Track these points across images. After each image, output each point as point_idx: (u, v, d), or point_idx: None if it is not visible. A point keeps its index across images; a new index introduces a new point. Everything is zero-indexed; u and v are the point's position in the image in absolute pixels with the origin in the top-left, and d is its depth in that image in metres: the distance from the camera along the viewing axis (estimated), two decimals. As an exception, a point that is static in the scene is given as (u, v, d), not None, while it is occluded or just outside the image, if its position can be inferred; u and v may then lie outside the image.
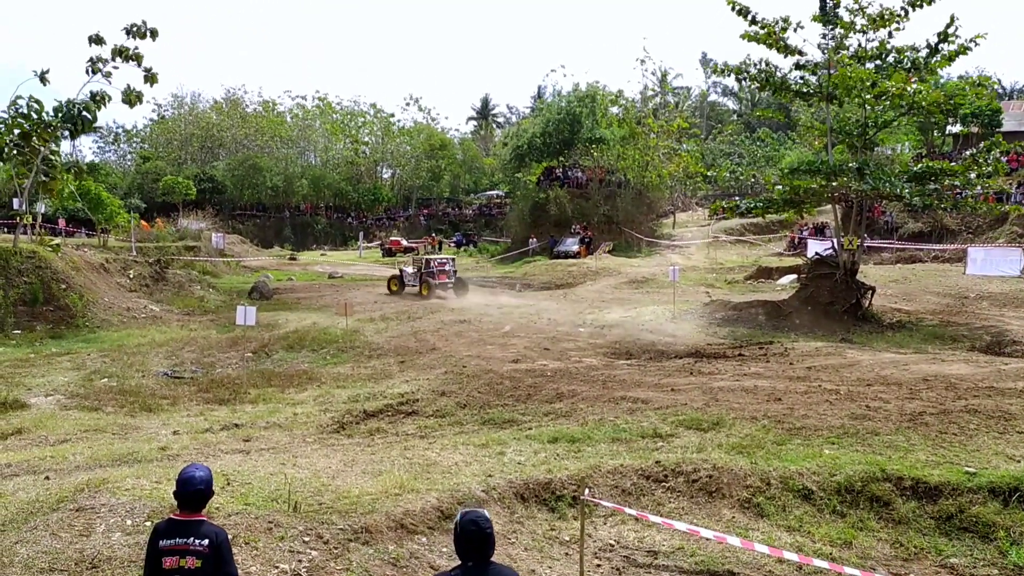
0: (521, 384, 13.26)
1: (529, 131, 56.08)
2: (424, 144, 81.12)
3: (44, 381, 15.57)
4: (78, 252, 28.50)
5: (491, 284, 36.59)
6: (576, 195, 51.14)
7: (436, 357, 16.44)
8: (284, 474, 7.75)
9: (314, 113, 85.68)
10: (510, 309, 23.96)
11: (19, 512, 6.51)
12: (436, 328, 20.15)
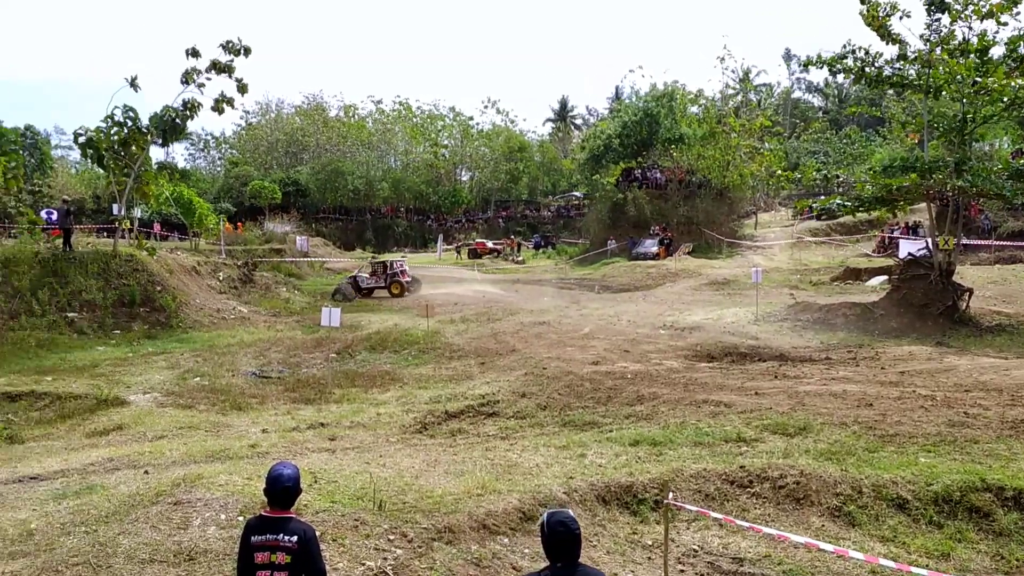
0: (601, 386, 13.18)
1: (606, 132, 55.76)
2: (503, 146, 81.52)
3: (142, 379, 16.24)
4: (172, 255, 29.63)
5: (569, 285, 36.53)
6: (655, 196, 50.62)
7: (516, 359, 16.49)
8: (369, 473, 7.89)
9: (394, 117, 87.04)
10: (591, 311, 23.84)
11: (121, 504, 6.80)
12: (516, 330, 20.20)
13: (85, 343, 21.16)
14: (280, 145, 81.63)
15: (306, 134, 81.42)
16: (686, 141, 51.18)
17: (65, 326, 21.91)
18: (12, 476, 8.60)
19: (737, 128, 49.98)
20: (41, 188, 49.01)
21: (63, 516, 6.72)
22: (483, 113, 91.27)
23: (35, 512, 7.00)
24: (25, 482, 8.29)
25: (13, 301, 21.47)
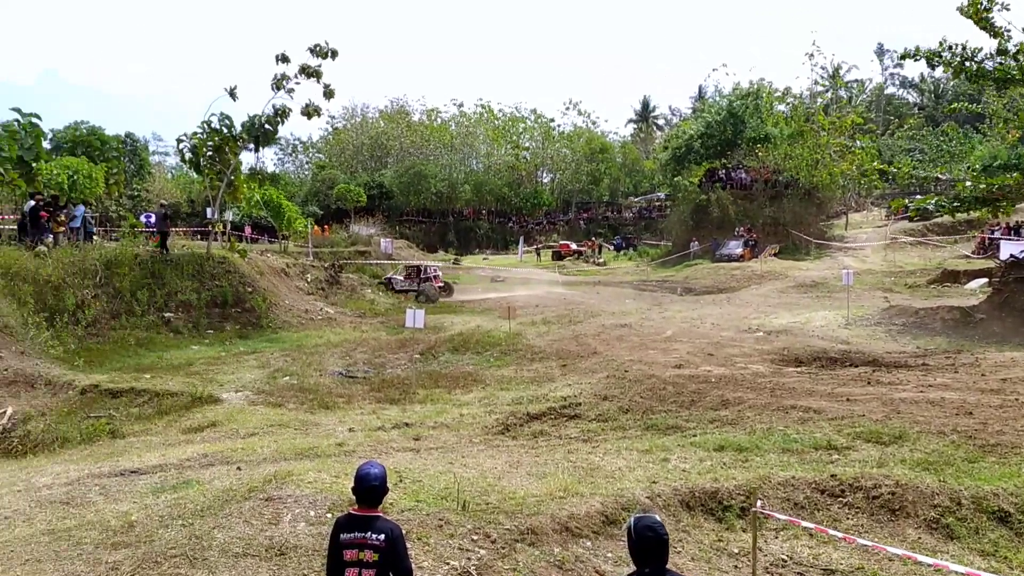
0: (684, 390, 13.00)
1: (689, 132, 55.03)
2: (584, 148, 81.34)
3: (234, 378, 16.78)
4: (262, 257, 30.54)
5: (651, 288, 36.17)
6: (739, 196, 49.72)
7: (598, 361, 16.41)
8: (453, 473, 7.96)
9: (476, 120, 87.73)
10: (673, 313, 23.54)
11: (215, 499, 7.04)
12: (597, 332, 20.11)
13: (180, 342, 22.01)
14: (365, 149, 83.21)
15: (390, 138, 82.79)
16: (772, 140, 50.04)
17: (162, 326, 22.83)
18: (114, 469, 9.00)
19: (827, 126, 48.61)
20: (140, 192, 51.16)
21: (161, 509, 6.98)
22: (564, 115, 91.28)
23: (135, 504, 7.30)
24: (126, 475, 8.66)
25: (115, 301, 22.45)
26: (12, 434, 12.25)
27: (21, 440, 11.95)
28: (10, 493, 8.22)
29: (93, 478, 8.59)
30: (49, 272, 20.69)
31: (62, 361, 17.78)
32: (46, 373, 15.97)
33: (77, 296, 21.06)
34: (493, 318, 24.03)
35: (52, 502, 7.65)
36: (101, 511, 7.17)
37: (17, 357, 16.71)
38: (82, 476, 8.77)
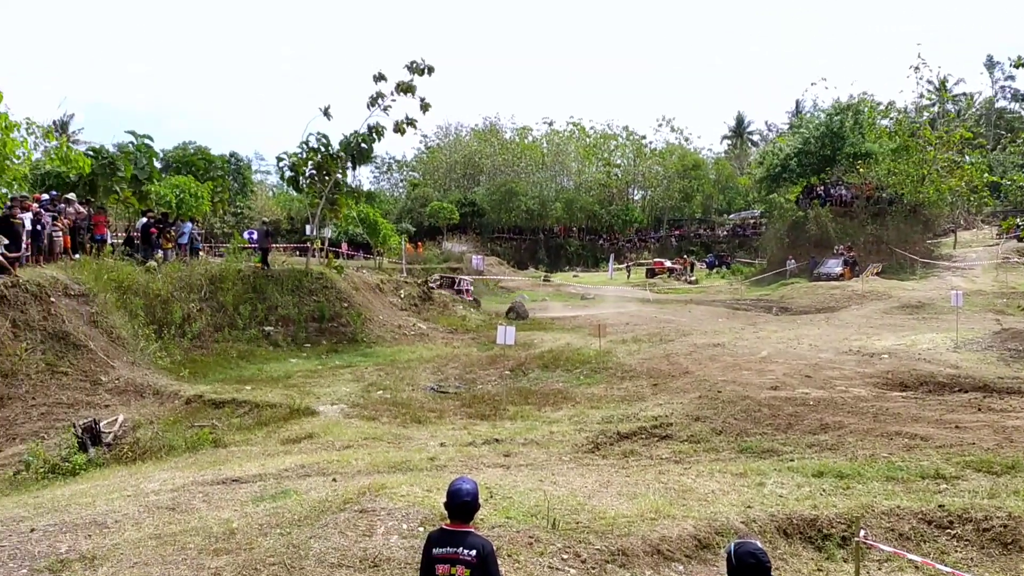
0: (781, 412, 12.64)
1: (785, 148, 53.78)
2: (676, 164, 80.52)
3: (330, 391, 17.20)
4: (357, 273, 31.28)
5: (745, 307, 35.40)
6: (839, 214, 48.21)
7: (689, 381, 16.12)
8: (543, 491, 7.94)
9: (567, 137, 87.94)
10: (768, 333, 22.95)
11: (312, 510, 7.21)
12: (689, 351, 19.77)
13: (279, 355, 22.73)
14: (458, 167, 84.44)
15: (482, 156, 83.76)
16: (874, 156, 48.40)
17: (262, 339, 23.64)
18: (217, 477, 9.33)
19: (933, 141, 46.70)
20: (242, 210, 53.26)
21: (261, 518, 7.19)
22: (657, 131, 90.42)
23: (236, 512, 7.54)
24: (228, 484, 8.97)
25: (218, 315, 23.38)
26: (123, 441, 12.86)
27: (131, 447, 12.52)
28: (121, 498, 8.61)
29: (197, 485, 8.93)
30: (159, 286, 21.71)
31: (169, 372, 18.60)
32: (154, 383, 16.73)
33: (184, 310, 22.02)
34: (583, 336, 23.93)
35: (159, 507, 7.97)
36: (204, 518, 7.43)
37: (128, 367, 17.57)
38: (187, 483, 9.12)
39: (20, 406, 14.97)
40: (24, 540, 7.19)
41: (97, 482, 10.27)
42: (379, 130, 28.03)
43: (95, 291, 19.22)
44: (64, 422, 13.90)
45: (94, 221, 23.36)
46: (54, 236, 20.47)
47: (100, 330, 18.39)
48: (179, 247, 25.63)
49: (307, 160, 27.72)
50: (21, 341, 16.35)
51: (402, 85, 27.44)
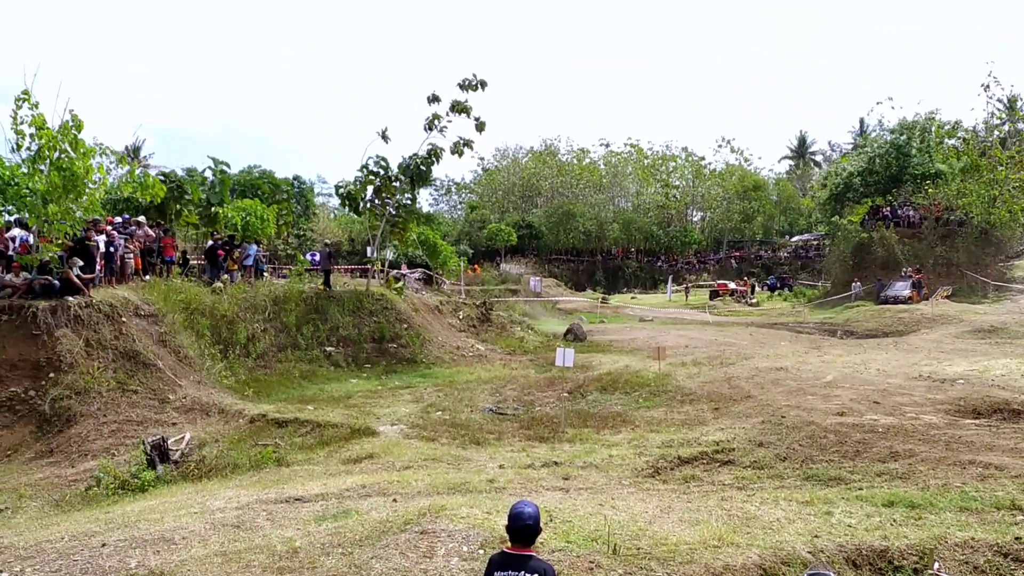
0: (848, 439, 12.29)
1: (849, 168, 52.79)
2: (736, 186, 79.73)
3: (389, 411, 17.34)
4: (417, 295, 31.60)
5: (808, 330, 34.69)
6: (906, 235, 47.07)
7: (752, 405, 15.82)
8: (603, 515, 7.85)
9: (625, 159, 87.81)
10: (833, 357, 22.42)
11: (373, 530, 7.26)
12: (751, 375, 19.42)
13: (340, 375, 23.04)
14: (516, 189, 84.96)
15: (540, 178, 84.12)
16: (943, 176, 47.19)
17: (324, 359, 24.00)
18: (280, 496, 9.46)
19: (1004, 160, 45.33)
20: (305, 232, 54.34)
21: (323, 537, 7.26)
22: (716, 152, 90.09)
23: (299, 531, 7.63)
24: (291, 503, 9.08)
25: (281, 335, 23.83)
26: (189, 458, 13.14)
27: (197, 464, 12.79)
28: (188, 514, 8.79)
29: (261, 504, 9.07)
30: (224, 307, 22.24)
31: (233, 391, 19.00)
32: (219, 402, 17.09)
33: (248, 330, 22.50)
34: (642, 358, 23.71)
35: (224, 525, 8.11)
36: (268, 536, 7.53)
37: (195, 386, 17.99)
38: (251, 501, 9.27)
39: (92, 423, 15.45)
40: (95, 555, 7.38)
41: (165, 499, 10.51)
42: (437, 152, 28.38)
43: (164, 311, 19.78)
44: (134, 439, 14.28)
45: (163, 243, 24.08)
46: (126, 258, 21.17)
47: (168, 349, 18.89)
48: (244, 269, 26.23)
49: (367, 184, 28.19)
50: (94, 360, 16.89)
51: (457, 105, 27.76)
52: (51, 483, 12.82)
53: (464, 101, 27.70)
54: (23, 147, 17.98)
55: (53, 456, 14.54)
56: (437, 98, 27.88)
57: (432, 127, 28.04)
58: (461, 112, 27.81)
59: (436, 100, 27.88)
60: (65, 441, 14.98)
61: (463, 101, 27.71)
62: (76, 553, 7.49)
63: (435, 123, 27.99)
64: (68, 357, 16.61)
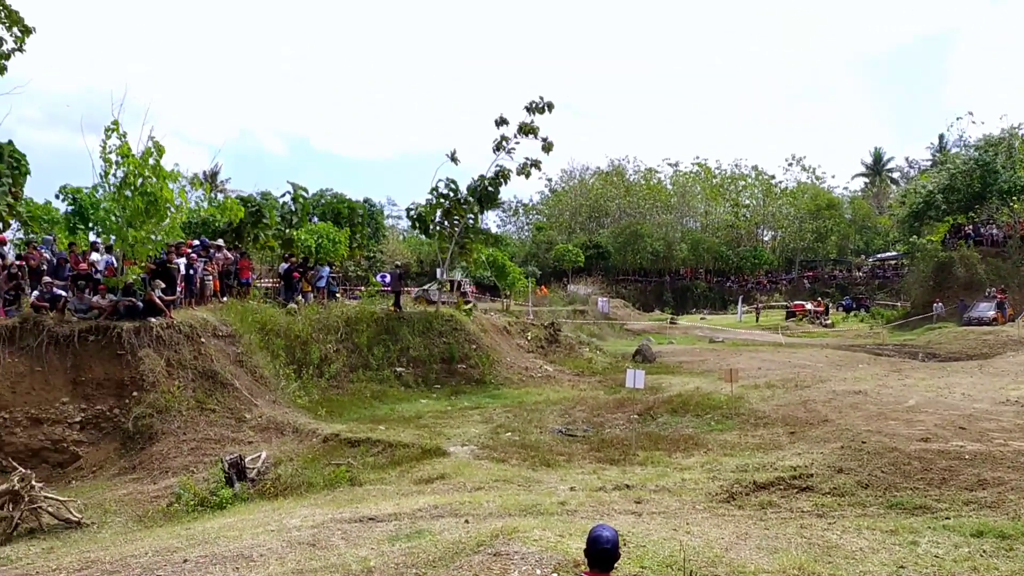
0: (933, 466, 11.84)
1: (928, 185, 51.25)
2: (808, 204, 78.21)
3: (460, 432, 17.41)
4: (485, 316, 31.74)
5: (887, 352, 33.64)
6: (990, 254, 45.39)
7: (830, 430, 15.38)
8: (678, 540, 7.72)
9: (693, 178, 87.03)
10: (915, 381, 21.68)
11: (446, 551, 7.27)
12: (828, 399, 18.92)
13: (410, 395, 23.25)
14: (583, 210, 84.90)
15: (607, 198, 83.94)
16: (1029, 193, 45.52)
17: (394, 379, 24.27)
18: (354, 515, 9.56)
19: (1096, 176, 43.50)
20: (375, 254, 55.22)
21: (397, 557, 7.30)
22: (787, 171, 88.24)
23: (373, 551, 7.69)
24: (365, 522, 9.17)
25: (353, 356, 24.22)
26: (265, 476, 13.40)
27: (273, 483, 13.03)
28: (265, 532, 8.95)
29: (336, 523, 9.18)
30: (298, 328, 22.71)
31: (307, 410, 19.33)
32: (294, 421, 17.42)
33: (321, 350, 22.93)
34: (713, 380, 23.32)
35: (300, 543, 8.23)
36: (343, 555, 7.61)
37: (270, 405, 18.38)
38: (326, 520, 9.39)
39: (173, 441, 15.91)
40: (178, 570, 7.57)
41: (243, 516, 10.73)
42: (505, 174, 28.62)
43: (241, 332, 20.29)
44: (212, 457, 14.64)
45: (240, 265, 24.75)
46: (205, 280, 21.81)
47: (245, 369, 19.36)
48: (317, 290, 26.77)
49: (436, 206, 28.56)
50: (174, 379, 17.42)
51: (524, 127, 28.01)
52: (134, 499, 13.22)
53: (531, 123, 27.95)
54: (110, 174, 18.74)
55: (136, 472, 15.02)
56: (505, 120, 28.19)
57: (500, 149, 28.33)
58: (528, 134, 28.04)
59: (504, 122, 28.19)
60: (147, 458, 15.45)
61: (530, 123, 27.95)
62: (159, 568, 7.69)
63: (503, 145, 28.28)
64: (150, 376, 17.17)
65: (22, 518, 11.47)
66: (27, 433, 16.08)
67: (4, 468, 14.65)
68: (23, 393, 16.47)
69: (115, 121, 18.30)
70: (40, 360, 16.85)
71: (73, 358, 17.17)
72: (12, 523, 11.39)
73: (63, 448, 16.17)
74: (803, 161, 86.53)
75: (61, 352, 17.16)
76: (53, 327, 17.26)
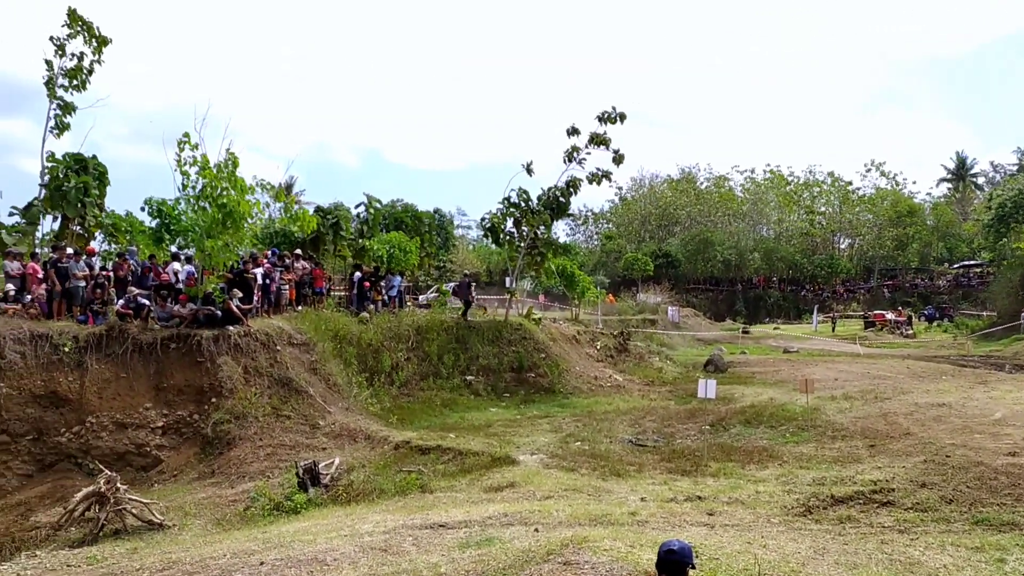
0: (1021, 481, 11.34)
1: (1016, 188, 49.23)
2: (888, 211, 75.99)
3: (529, 440, 17.42)
4: (554, 324, 31.71)
5: (972, 363, 32.38)
6: (1086, 261, 43.35)
7: (911, 443, 14.89)
8: (752, 554, 7.56)
9: (765, 186, 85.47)
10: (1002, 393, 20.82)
11: (516, 559, 7.26)
12: (909, 411, 18.32)
13: (480, 404, 23.38)
14: (652, 218, 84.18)
15: (677, 206, 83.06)
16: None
17: (464, 388, 24.44)
18: (425, 522, 9.65)
19: None
20: (445, 264, 55.75)
21: (467, 564, 7.33)
22: (864, 177, 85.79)
23: (444, 557, 7.74)
24: (435, 528, 9.24)
25: (424, 364, 24.47)
26: (338, 482, 13.62)
27: (346, 488, 13.23)
28: (338, 537, 9.10)
29: (407, 529, 9.27)
30: (370, 336, 23.06)
31: (379, 418, 19.59)
32: (366, 428, 17.67)
33: (392, 359, 23.23)
34: (787, 391, 22.83)
35: (373, 548, 8.34)
36: (414, 561, 7.68)
37: (343, 412, 18.69)
38: (397, 526, 9.49)
39: (249, 446, 16.31)
40: (254, 573, 7.76)
41: (316, 521, 10.93)
42: (576, 184, 28.62)
43: (315, 340, 20.70)
44: (287, 462, 14.95)
45: (314, 275, 25.26)
46: (282, 289, 22.33)
47: (319, 377, 19.73)
48: (388, 299, 27.13)
49: (507, 215, 28.71)
50: (251, 386, 17.87)
51: (595, 138, 27.97)
52: (213, 502, 13.59)
53: (603, 133, 27.92)
54: (188, 186, 19.36)
55: (214, 477, 15.43)
56: (576, 130, 28.22)
57: (571, 159, 28.36)
58: (600, 144, 28.01)
59: (575, 132, 28.22)
60: (225, 463, 15.87)
61: (602, 133, 27.92)
62: (237, 571, 7.88)
63: (574, 155, 28.30)
64: (228, 383, 17.66)
65: (108, 519, 11.90)
66: (112, 437, 16.72)
67: (91, 471, 15.26)
68: (109, 399, 17.12)
69: (186, 134, 18.92)
70: (125, 367, 17.50)
71: (156, 365, 17.79)
72: (98, 524, 11.82)
73: (146, 452, 16.75)
74: (882, 167, 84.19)
75: (144, 359, 17.78)
76: (137, 335, 17.90)
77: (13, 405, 16.47)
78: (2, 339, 16.75)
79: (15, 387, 16.54)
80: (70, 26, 23.91)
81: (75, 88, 24.30)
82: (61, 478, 15.96)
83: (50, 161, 23.27)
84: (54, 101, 24.19)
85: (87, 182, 22.91)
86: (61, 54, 24.01)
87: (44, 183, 23.05)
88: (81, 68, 24.18)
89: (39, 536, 12.56)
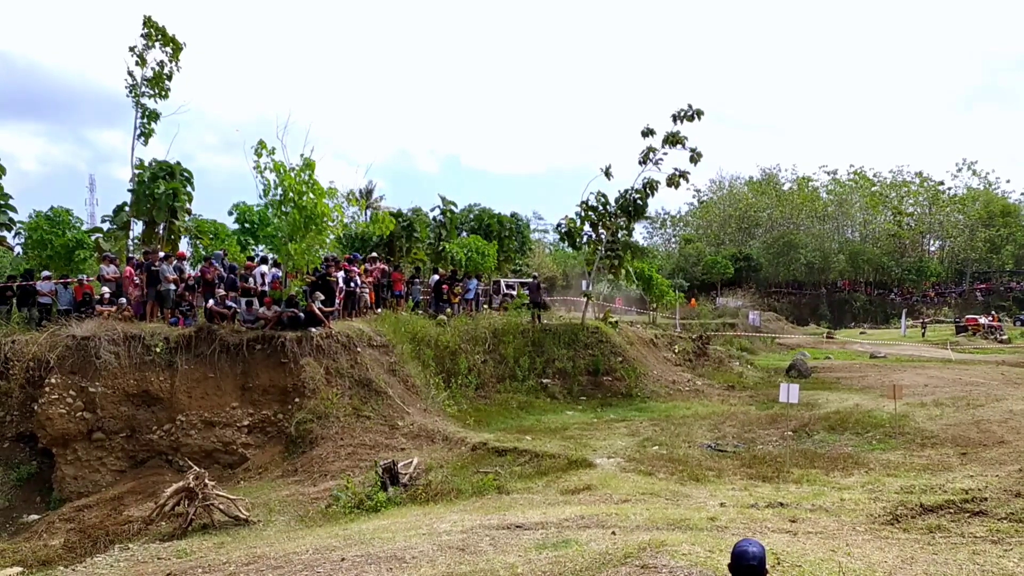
0: (1124, 493, 10.77)
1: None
2: (980, 212, 72.99)
3: (605, 444, 17.34)
4: (631, 328, 31.47)
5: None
6: None
7: (1006, 452, 14.27)
8: (836, 561, 7.37)
9: (851, 187, 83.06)
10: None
11: (593, 561, 7.25)
12: (1004, 419, 17.56)
13: (556, 407, 23.38)
14: (732, 221, 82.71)
15: (758, 208, 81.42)
16: None
17: (540, 391, 24.49)
18: (502, 523, 9.70)
19: None
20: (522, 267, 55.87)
21: (543, 565, 7.35)
22: (955, 177, 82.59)
23: (520, 558, 7.77)
24: (512, 529, 9.28)
25: (500, 367, 24.62)
26: (417, 482, 13.81)
27: (424, 488, 13.41)
28: (417, 535, 9.24)
29: (484, 529, 9.34)
30: (447, 339, 23.32)
31: (456, 419, 19.80)
32: (443, 429, 17.88)
33: (469, 361, 23.44)
34: (874, 397, 22.14)
35: (450, 547, 8.43)
36: (491, 560, 7.73)
37: (421, 413, 18.95)
38: (475, 526, 9.58)
39: (331, 445, 16.69)
40: (335, 568, 7.93)
41: (396, 519, 11.11)
42: (652, 185, 28.33)
43: (394, 342, 21.06)
44: (367, 462, 15.25)
45: (393, 278, 25.69)
46: (362, 292, 22.78)
47: (398, 378, 20.06)
48: (466, 302, 27.38)
49: (584, 219, 28.64)
50: (333, 386, 18.28)
51: (671, 138, 27.61)
52: (296, 499, 13.95)
53: (678, 133, 27.55)
54: (269, 191, 19.90)
55: (298, 475, 15.84)
56: (651, 131, 27.92)
57: (647, 160, 28.08)
58: (675, 144, 27.63)
59: (651, 133, 27.93)
60: (308, 461, 16.27)
61: (677, 133, 27.55)
62: (319, 566, 8.08)
63: (650, 156, 28.02)
64: (311, 384, 18.11)
65: (196, 514, 12.36)
66: (201, 435, 17.35)
67: (181, 467, 15.87)
68: (198, 398, 17.76)
69: (261, 141, 19.42)
70: (213, 367, 18.12)
71: (242, 365, 18.37)
72: (187, 518, 12.28)
73: (233, 450, 17.33)
74: (974, 166, 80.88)
75: (231, 360, 18.39)
76: (225, 336, 18.52)
77: (108, 404, 17.25)
78: (98, 340, 17.55)
79: (110, 386, 17.31)
80: (148, 37, 24.58)
81: (158, 96, 25.13)
82: (152, 474, 16.64)
83: (138, 168, 24.24)
84: (139, 109, 25.10)
85: (176, 188, 23.80)
86: (142, 63, 24.88)
87: (132, 188, 24.00)
88: (161, 76, 25.03)
89: (131, 529, 13.12)
